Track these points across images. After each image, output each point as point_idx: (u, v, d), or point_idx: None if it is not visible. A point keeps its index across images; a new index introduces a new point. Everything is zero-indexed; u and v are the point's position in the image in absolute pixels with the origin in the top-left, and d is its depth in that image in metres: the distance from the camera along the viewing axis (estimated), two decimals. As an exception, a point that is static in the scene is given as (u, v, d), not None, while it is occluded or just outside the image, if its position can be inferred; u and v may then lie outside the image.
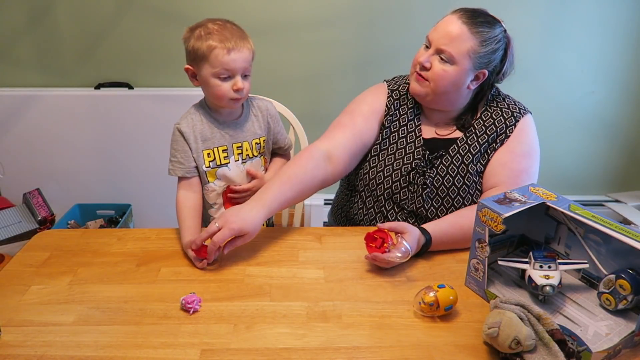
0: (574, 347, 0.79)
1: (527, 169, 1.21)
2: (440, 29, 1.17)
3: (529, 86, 2.42)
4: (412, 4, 2.22)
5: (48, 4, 2.20)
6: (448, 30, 1.15)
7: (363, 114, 1.29)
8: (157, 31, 2.25)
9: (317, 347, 0.85)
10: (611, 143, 2.56)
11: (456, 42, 1.14)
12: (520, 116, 1.25)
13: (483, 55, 1.17)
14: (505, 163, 1.21)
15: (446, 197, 1.23)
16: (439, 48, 1.16)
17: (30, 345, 0.85)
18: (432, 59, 1.18)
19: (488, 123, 1.25)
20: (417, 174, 1.24)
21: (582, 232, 0.96)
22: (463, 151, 1.24)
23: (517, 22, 2.30)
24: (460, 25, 1.15)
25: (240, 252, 1.13)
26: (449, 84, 1.18)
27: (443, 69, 1.17)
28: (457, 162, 1.24)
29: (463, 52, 1.15)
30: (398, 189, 1.26)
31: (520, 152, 1.22)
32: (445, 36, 1.15)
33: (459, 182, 1.23)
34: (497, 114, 1.25)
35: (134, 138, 2.34)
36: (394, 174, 1.26)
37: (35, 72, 2.32)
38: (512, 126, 1.23)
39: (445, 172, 1.23)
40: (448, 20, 1.17)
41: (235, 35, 1.18)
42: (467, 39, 1.14)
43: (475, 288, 1.00)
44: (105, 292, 0.99)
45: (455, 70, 1.16)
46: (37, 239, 1.20)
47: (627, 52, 2.37)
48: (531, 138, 1.25)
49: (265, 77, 2.35)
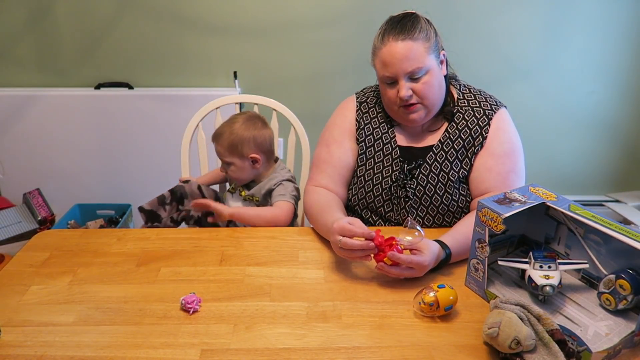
0: (574, 347, 0.79)
1: (513, 168, 1.20)
2: (392, 60, 1.14)
3: (529, 86, 2.42)
4: (412, 4, 2.21)
5: (48, 4, 2.20)
6: (400, 55, 1.13)
7: (336, 140, 1.30)
8: (157, 31, 2.25)
9: (317, 347, 0.85)
10: (611, 143, 2.56)
11: (413, 57, 1.13)
12: (492, 113, 1.22)
13: (434, 44, 1.17)
14: (490, 168, 1.20)
15: (430, 205, 1.23)
16: (406, 73, 1.14)
17: (30, 345, 0.85)
18: (408, 86, 1.16)
19: (461, 126, 1.23)
20: (398, 186, 1.24)
21: (582, 232, 0.96)
22: (440, 158, 1.23)
23: (517, 22, 2.32)
24: (403, 43, 1.13)
25: (240, 252, 1.13)
26: (437, 89, 1.18)
27: (423, 83, 1.16)
28: (435, 170, 1.22)
29: (424, 57, 1.15)
30: (381, 202, 1.26)
31: (502, 152, 1.20)
32: (404, 60, 1.13)
33: (441, 190, 1.22)
34: (469, 114, 1.23)
35: (134, 138, 2.34)
36: (375, 189, 1.26)
37: (35, 72, 2.32)
38: (487, 126, 1.21)
39: (426, 182, 1.23)
40: (392, 49, 1.14)
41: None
42: (417, 47, 1.14)
43: (475, 288, 1.00)
44: (105, 292, 0.99)
45: (431, 75, 1.16)
46: (37, 239, 1.20)
47: (627, 52, 2.37)
48: (510, 135, 1.23)
49: (265, 77, 2.35)
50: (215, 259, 1.11)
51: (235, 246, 1.16)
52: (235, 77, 2.31)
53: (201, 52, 2.29)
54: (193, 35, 2.26)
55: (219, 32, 2.26)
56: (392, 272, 0.99)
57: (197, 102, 1.68)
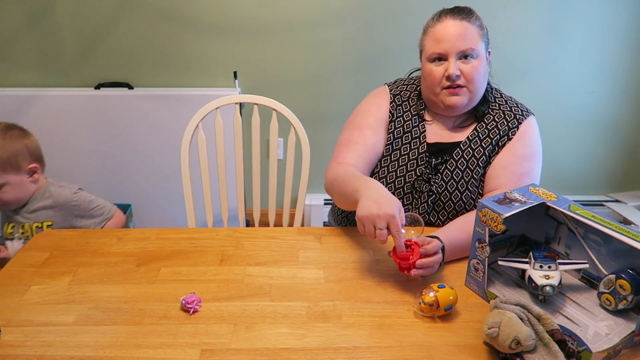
0: (574, 347, 0.79)
1: (529, 171, 1.20)
2: (446, 37, 1.16)
3: (529, 86, 2.42)
4: (411, 5, 2.22)
5: (48, 4, 2.20)
6: (456, 32, 1.16)
7: (371, 126, 1.29)
8: (157, 31, 2.25)
9: (317, 347, 0.85)
10: (611, 143, 2.56)
11: (469, 37, 1.16)
12: (523, 118, 1.24)
13: (486, 34, 1.21)
14: (506, 166, 1.20)
15: (448, 202, 1.23)
16: (460, 51, 1.16)
17: (30, 345, 0.85)
18: (458, 64, 1.17)
19: (491, 126, 1.24)
20: (422, 181, 1.24)
21: (582, 232, 0.96)
22: (467, 156, 1.23)
23: (517, 22, 2.32)
24: (460, 22, 1.17)
25: (240, 252, 1.13)
26: (483, 76, 1.20)
27: (472, 66, 1.17)
28: (461, 167, 1.23)
29: (478, 41, 1.18)
30: (402, 194, 1.25)
31: (523, 154, 1.21)
32: (459, 38, 1.16)
33: (462, 187, 1.22)
34: (499, 116, 1.25)
35: (134, 138, 2.34)
36: (397, 181, 1.25)
37: (35, 72, 2.32)
38: (515, 128, 1.23)
39: (450, 178, 1.23)
40: (448, 26, 1.17)
41: None
42: (473, 30, 1.17)
43: (475, 288, 1.00)
44: (105, 292, 0.99)
45: (479, 61, 1.18)
46: (37, 239, 1.20)
47: (627, 52, 2.37)
48: (534, 140, 1.24)
49: (265, 77, 2.35)
50: (215, 259, 1.11)
51: (235, 246, 1.16)
52: (235, 77, 2.31)
53: (201, 52, 2.29)
54: (193, 35, 2.26)
55: (219, 32, 2.26)
56: (428, 272, 0.98)
57: (197, 102, 1.67)
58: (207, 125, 1.58)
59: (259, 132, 1.58)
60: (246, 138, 1.68)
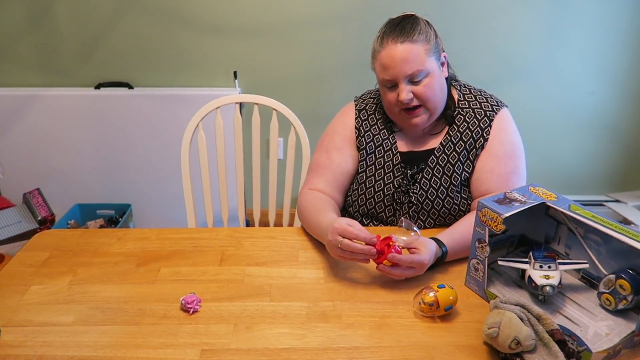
0: (574, 347, 0.79)
1: (514, 169, 1.20)
2: (391, 64, 1.13)
3: (529, 86, 2.42)
4: (411, 5, 2.21)
5: (48, 4, 2.20)
6: (400, 57, 1.12)
7: (337, 146, 1.29)
8: (157, 31, 2.26)
9: (317, 347, 0.85)
10: (611, 143, 2.56)
11: (413, 59, 1.12)
12: (493, 114, 1.22)
13: (434, 46, 1.16)
14: (492, 169, 1.19)
15: (432, 209, 1.22)
16: (406, 76, 1.13)
17: (30, 345, 0.85)
18: (408, 89, 1.14)
19: (462, 128, 1.22)
20: (400, 192, 1.23)
21: (582, 232, 0.96)
22: (442, 162, 1.22)
23: (517, 22, 2.32)
24: (402, 46, 1.12)
25: (240, 252, 1.13)
26: (439, 91, 1.17)
27: (424, 86, 1.14)
28: (438, 174, 1.22)
29: (425, 59, 1.13)
30: (382, 208, 1.25)
31: (503, 153, 1.20)
32: (404, 63, 1.12)
33: (443, 194, 1.21)
34: (470, 116, 1.22)
35: (134, 138, 2.34)
36: (376, 196, 1.25)
37: (35, 72, 2.32)
38: (488, 127, 1.21)
39: (428, 186, 1.22)
40: (391, 52, 1.13)
41: None
42: (417, 49, 1.12)
43: (475, 288, 1.00)
44: (105, 292, 0.99)
45: (431, 77, 1.14)
46: (37, 239, 1.20)
47: (627, 52, 2.37)
48: (511, 135, 1.22)
49: (266, 77, 2.35)
50: (215, 259, 1.11)
51: (235, 246, 1.16)
52: (235, 77, 2.31)
53: (201, 52, 2.30)
54: (193, 35, 2.26)
55: (218, 32, 2.26)
56: (394, 274, 0.99)
57: (197, 102, 1.68)
58: (207, 125, 1.58)
59: (259, 132, 1.58)
60: (246, 138, 1.68)
